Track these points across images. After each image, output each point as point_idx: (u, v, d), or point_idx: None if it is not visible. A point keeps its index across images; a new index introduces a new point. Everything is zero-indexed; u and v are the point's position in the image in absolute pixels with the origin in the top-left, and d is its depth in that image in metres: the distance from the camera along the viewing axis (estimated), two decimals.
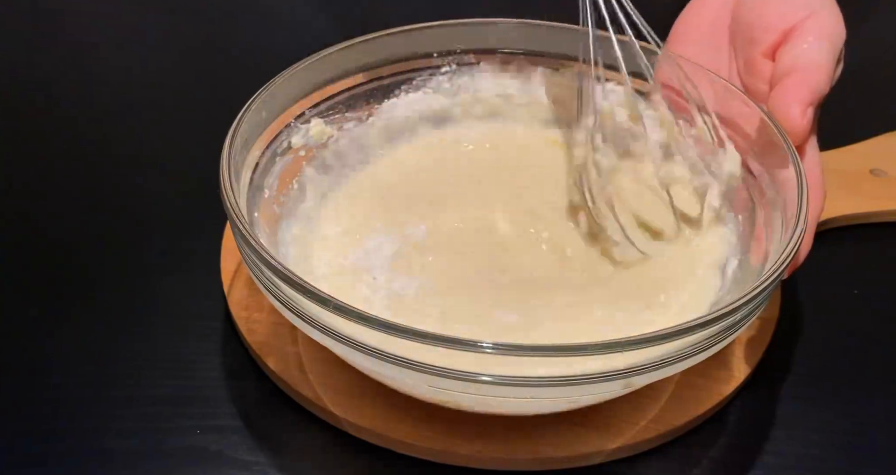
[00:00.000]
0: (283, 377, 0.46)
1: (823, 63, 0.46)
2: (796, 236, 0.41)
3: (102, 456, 0.44)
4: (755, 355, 0.49)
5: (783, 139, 0.45)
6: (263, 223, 0.46)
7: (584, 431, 0.44)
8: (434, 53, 0.55)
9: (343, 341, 0.38)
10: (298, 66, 0.50)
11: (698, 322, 0.37)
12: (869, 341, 0.52)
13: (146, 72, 0.70)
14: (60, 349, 0.48)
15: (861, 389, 0.49)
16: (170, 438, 0.44)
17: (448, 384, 0.37)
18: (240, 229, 0.40)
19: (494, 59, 0.56)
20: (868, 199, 0.58)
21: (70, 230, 0.56)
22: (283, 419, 0.46)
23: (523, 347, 0.36)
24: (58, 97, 0.67)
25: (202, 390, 0.47)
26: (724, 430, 0.46)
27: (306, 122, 0.51)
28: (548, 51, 0.56)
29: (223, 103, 0.49)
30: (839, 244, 0.57)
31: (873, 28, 0.79)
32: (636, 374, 0.38)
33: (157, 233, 0.56)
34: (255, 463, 0.44)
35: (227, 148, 0.44)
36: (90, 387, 0.47)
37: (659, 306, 0.46)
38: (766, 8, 0.49)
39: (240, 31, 0.76)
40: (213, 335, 0.50)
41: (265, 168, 0.48)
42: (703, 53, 0.53)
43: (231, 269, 0.51)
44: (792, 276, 0.48)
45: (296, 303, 0.39)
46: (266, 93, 0.47)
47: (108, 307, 0.51)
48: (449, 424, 0.44)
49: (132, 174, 0.61)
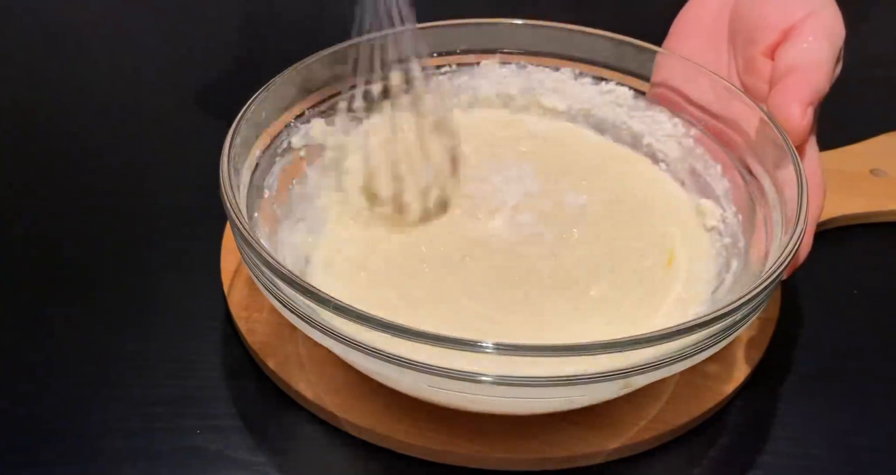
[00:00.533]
0: (283, 377, 0.46)
1: (823, 62, 0.46)
2: (796, 236, 0.41)
3: (102, 456, 0.44)
4: (755, 355, 0.49)
5: (783, 139, 0.45)
6: (263, 223, 0.46)
7: (584, 431, 0.44)
8: (434, 53, 0.55)
9: (343, 341, 0.38)
10: (298, 65, 0.50)
11: (698, 322, 0.37)
12: (869, 341, 0.52)
13: (146, 72, 0.70)
14: (60, 349, 0.48)
15: (861, 389, 0.49)
16: (170, 438, 0.44)
17: (448, 384, 0.37)
18: (240, 229, 0.40)
19: (494, 59, 0.56)
20: (868, 198, 0.58)
21: (70, 230, 0.56)
22: (283, 419, 0.46)
23: (523, 347, 0.36)
24: (58, 97, 0.67)
25: (202, 390, 0.47)
26: (724, 430, 0.46)
27: (306, 122, 0.51)
28: (548, 51, 0.56)
29: (223, 103, 0.49)
30: (839, 244, 0.57)
31: (873, 28, 0.79)
32: (636, 374, 0.38)
33: (157, 233, 0.56)
34: (255, 463, 0.44)
35: (227, 148, 0.44)
36: (90, 387, 0.47)
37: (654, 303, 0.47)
38: (765, 7, 0.49)
39: (240, 32, 0.76)
40: (213, 335, 0.50)
41: (265, 168, 0.48)
42: (702, 52, 0.53)
43: (231, 269, 0.51)
44: (792, 276, 0.48)
45: (296, 304, 0.39)
46: (266, 93, 0.47)
47: (108, 307, 0.51)
48: (449, 424, 0.44)
49: (132, 174, 0.61)
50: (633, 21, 0.60)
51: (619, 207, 0.52)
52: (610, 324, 0.45)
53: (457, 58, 0.56)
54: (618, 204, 0.53)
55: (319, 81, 0.51)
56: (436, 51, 0.55)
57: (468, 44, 0.56)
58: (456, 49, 0.56)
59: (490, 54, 0.56)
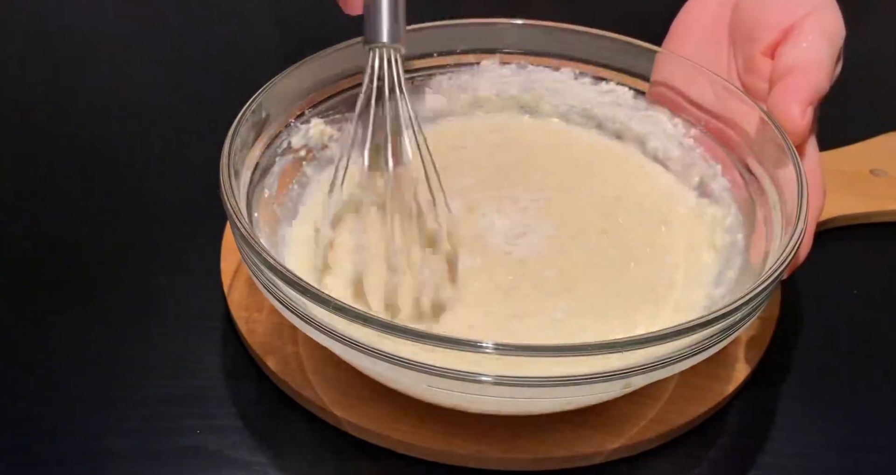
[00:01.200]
0: (283, 377, 0.46)
1: (823, 62, 0.46)
2: (796, 236, 0.41)
3: (102, 456, 0.44)
4: (755, 355, 0.49)
5: (783, 139, 0.45)
6: (263, 223, 0.46)
7: (584, 431, 0.44)
8: (434, 53, 0.55)
9: (343, 341, 0.38)
10: (298, 66, 0.50)
11: (698, 322, 0.37)
12: (869, 341, 0.52)
13: (146, 72, 0.70)
14: (60, 349, 0.48)
15: (861, 389, 0.49)
16: (170, 438, 0.44)
17: (448, 384, 0.37)
18: (240, 229, 0.40)
19: (494, 59, 0.56)
20: (868, 198, 0.58)
21: (70, 230, 0.56)
22: (283, 419, 0.46)
23: (523, 347, 0.36)
24: (58, 97, 0.67)
25: (202, 390, 0.47)
26: (724, 430, 0.46)
27: (306, 122, 0.51)
28: (548, 51, 0.56)
29: (223, 103, 0.49)
30: (839, 244, 0.57)
31: (873, 27, 0.79)
32: (636, 374, 0.38)
33: (157, 233, 0.56)
34: (255, 463, 0.44)
35: (227, 148, 0.44)
36: (90, 387, 0.47)
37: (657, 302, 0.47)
38: (766, 6, 0.49)
39: (240, 32, 0.76)
40: (213, 335, 0.50)
41: (265, 168, 0.48)
42: (701, 52, 0.53)
43: (231, 269, 0.51)
44: (792, 276, 0.48)
45: (296, 304, 0.39)
46: (266, 93, 0.47)
47: (108, 307, 0.51)
48: (449, 424, 0.44)
49: (132, 174, 0.61)
50: (633, 21, 0.61)
51: (618, 208, 0.52)
52: (609, 325, 0.45)
53: (457, 58, 0.56)
54: (617, 204, 0.53)
55: (319, 81, 0.51)
56: (436, 51, 0.55)
57: (468, 44, 0.56)
58: (456, 49, 0.56)
59: (490, 54, 0.56)
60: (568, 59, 0.56)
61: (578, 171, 0.55)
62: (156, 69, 0.71)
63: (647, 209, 0.52)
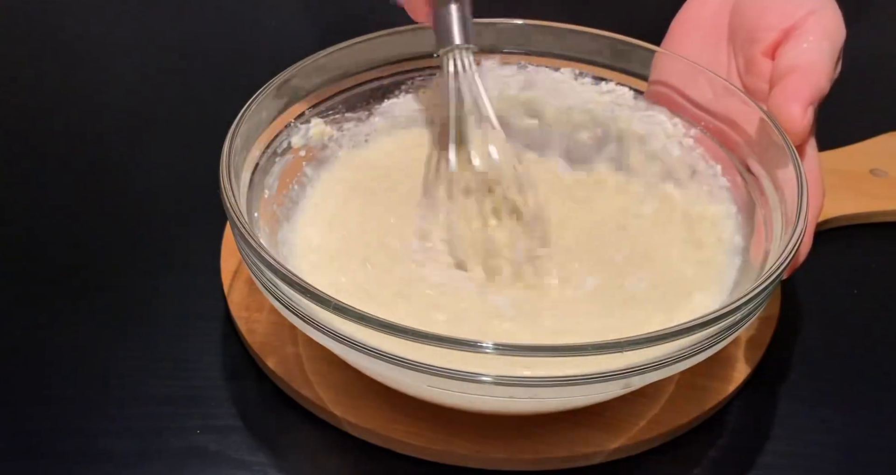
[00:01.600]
0: (283, 377, 0.46)
1: (824, 62, 0.46)
2: (796, 236, 0.41)
3: (102, 456, 0.44)
4: (755, 355, 0.49)
5: (783, 139, 0.45)
6: (263, 223, 0.46)
7: (584, 431, 0.44)
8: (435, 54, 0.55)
9: (343, 341, 0.38)
10: (298, 66, 0.50)
11: (698, 322, 0.37)
12: (869, 341, 0.52)
13: (146, 72, 0.70)
14: (60, 349, 0.48)
15: (860, 389, 0.49)
16: (170, 438, 0.44)
17: (448, 384, 0.37)
18: (240, 229, 0.40)
19: (494, 59, 0.56)
20: (868, 198, 0.58)
21: (70, 230, 0.56)
22: (283, 419, 0.46)
23: (523, 347, 0.36)
24: (58, 97, 0.67)
25: (202, 390, 0.47)
26: (724, 430, 0.46)
27: (306, 122, 0.51)
28: (548, 51, 0.56)
29: (223, 103, 0.49)
30: (839, 244, 0.57)
31: (873, 28, 0.78)
32: (636, 374, 0.38)
33: (157, 233, 0.56)
34: (255, 463, 0.44)
35: (227, 148, 0.44)
36: (90, 387, 0.47)
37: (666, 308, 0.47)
38: (766, 6, 0.49)
39: (240, 32, 0.76)
40: (213, 335, 0.50)
41: (265, 168, 0.48)
42: (701, 52, 0.53)
43: (231, 269, 0.51)
44: (792, 276, 0.47)
45: (296, 304, 0.39)
46: (266, 93, 0.47)
47: (108, 307, 0.51)
48: (449, 424, 0.44)
49: (132, 174, 0.61)
50: (633, 21, 0.60)
51: (617, 208, 0.52)
52: (608, 325, 0.45)
53: None
54: (616, 204, 0.53)
55: (319, 81, 0.51)
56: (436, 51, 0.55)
57: None
58: None
59: (490, 54, 0.56)
60: (568, 59, 0.56)
61: (576, 171, 0.55)
62: (156, 69, 0.71)
63: (646, 209, 0.52)
